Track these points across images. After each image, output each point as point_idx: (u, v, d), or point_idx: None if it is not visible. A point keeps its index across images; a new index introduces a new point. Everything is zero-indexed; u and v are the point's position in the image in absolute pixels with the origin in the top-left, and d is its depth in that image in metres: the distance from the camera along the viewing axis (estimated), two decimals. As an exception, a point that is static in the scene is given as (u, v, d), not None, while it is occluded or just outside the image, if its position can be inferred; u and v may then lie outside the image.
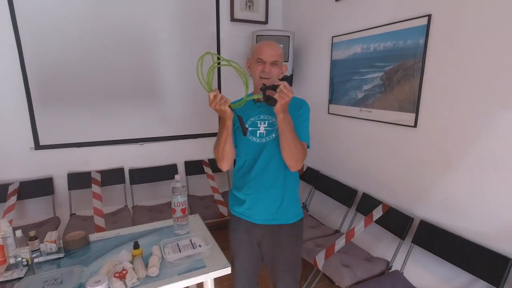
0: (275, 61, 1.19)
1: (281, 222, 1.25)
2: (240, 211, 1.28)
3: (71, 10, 2.16)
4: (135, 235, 1.44)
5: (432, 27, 1.49)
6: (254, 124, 1.23)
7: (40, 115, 2.21)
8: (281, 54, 1.22)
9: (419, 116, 1.61)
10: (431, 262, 1.60)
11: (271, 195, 1.23)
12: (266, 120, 1.22)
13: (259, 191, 1.23)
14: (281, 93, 1.01)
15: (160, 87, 2.53)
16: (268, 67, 1.18)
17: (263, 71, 1.18)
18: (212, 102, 1.04)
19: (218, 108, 1.04)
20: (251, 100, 1.25)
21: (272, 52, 1.18)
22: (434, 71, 1.51)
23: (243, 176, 1.26)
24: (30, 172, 2.27)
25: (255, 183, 1.23)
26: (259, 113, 1.24)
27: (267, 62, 1.18)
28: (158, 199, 2.66)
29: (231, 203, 1.35)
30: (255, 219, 1.25)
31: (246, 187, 1.24)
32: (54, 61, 2.18)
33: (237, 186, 1.30)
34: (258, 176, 1.22)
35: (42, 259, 1.23)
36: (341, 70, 2.15)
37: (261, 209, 1.24)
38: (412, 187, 1.70)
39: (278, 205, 1.23)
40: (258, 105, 1.25)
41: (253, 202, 1.24)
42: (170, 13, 2.44)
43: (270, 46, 1.20)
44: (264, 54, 1.18)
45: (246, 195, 1.25)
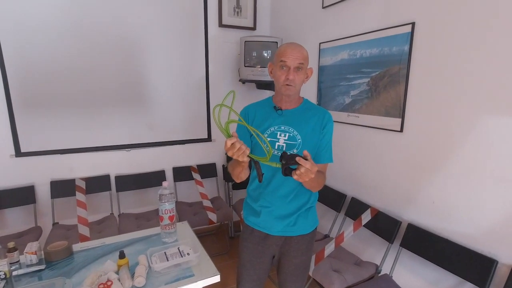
0: (300, 64, 1.10)
1: (296, 233, 1.23)
2: (255, 221, 1.24)
3: (54, 12, 2.11)
4: (121, 244, 1.39)
5: (416, 34, 1.53)
6: (273, 135, 1.16)
7: (21, 121, 2.14)
8: (306, 56, 1.13)
9: (405, 121, 1.64)
10: (419, 265, 1.62)
11: (288, 209, 1.19)
12: (287, 133, 1.15)
13: (275, 204, 1.19)
14: (301, 176, 0.92)
15: (147, 92, 2.49)
16: (292, 73, 1.09)
17: (287, 79, 1.10)
18: (229, 149, 0.93)
19: (235, 158, 0.95)
20: (271, 107, 1.20)
21: (297, 55, 1.09)
22: (419, 77, 1.55)
23: (258, 187, 1.22)
24: (10, 180, 2.18)
25: (272, 197, 1.19)
26: (280, 123, 1.16)
27: (291, 66, 1.09)
28: (145, 206, 2.60)
29: (245, 213, 1.30)
30: (269, 230, 1.22)
31: (262, 199, 1.21)
32: (36, 64, 2.12)
33: (253, 197, 1.26)
34: (275, 190, 1.18)
35: (21, 272, 1.17)
36: (328, 76, 2.18)
37: (277, 222, 1.20)
38: (399, 191, 1.72)
39: (294, 218, 1.20)
40: (279, 114, 1.18)
41: (269, 214, 1.20)
42: (158, 18, 2.42)
43: (294, 48, 1.11)
44: (288, 56, 1.09)
45: (262, 207, 1.21)
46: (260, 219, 1.22)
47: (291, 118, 1.18)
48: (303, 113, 1.19)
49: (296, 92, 1.17)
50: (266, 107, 1.23)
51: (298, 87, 1.14)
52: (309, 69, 1.16)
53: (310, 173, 0.92)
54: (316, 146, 1.17)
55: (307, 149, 1.13)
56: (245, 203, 1.32)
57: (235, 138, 0.92)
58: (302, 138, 1.15)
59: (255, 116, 1.22)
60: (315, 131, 1.16)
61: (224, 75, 2.78)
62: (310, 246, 1.30)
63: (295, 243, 1.24)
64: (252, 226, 1.26)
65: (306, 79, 1.17)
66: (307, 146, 1.15)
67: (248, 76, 2.54)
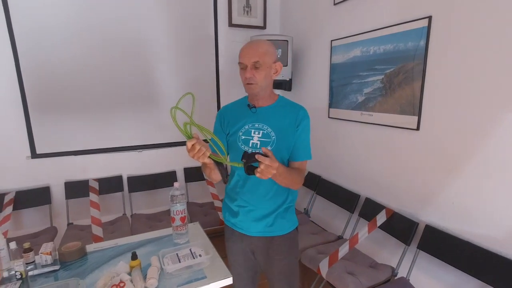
0: (256, 63, 1.06)
1: (275, 234, 1.21)
2: (233, 221, 1.24)
3: (68, 17, 2.14)
4: (133, 245, 1.39)
5: (433, 28, 1.48)
6: (247, 133, 1.15)
7: (36, 123, 2.18)
8: (263, 53, 1.07)
9: (421, 118, 1.58)
10: (438, 268, 1.56)
11: (265, 208, 1.18)
12: (261, 130, 1.14)
13: (252, 204, 1.18)
14: (262, 173, 0.91)
15: (158, 93, 2.51)
16: (248, 72, 1.08)
17: (245, 78, 1.09)
18: (190, 151, 0.94)
19: (196, 160, 0.96)
20: (245, 106, 1.21)
21: (251, 53, 1.07)
22: (436, 73, 1.49)
23: (235, 187, 1.22)
24: (26, 181, 2.23)
25: (249, 196, 1.18)
26: (254, 120, 1.16)
27: (247, 65, 1.08)
28: (157, 207, 2.62)
29: (224, 213, 1.31)
30: (248, 231, 1.21)
31: (239, 199, 1.20)
32: (49, 68, 2.16)
33: (230, 196, 1.25)
34: (251, 189, 1.17)
35: (37, 272, 1.18)
36: (340, 74, 2.13)
37: (254, 222, 1.19)
38: (416, 191, 1.67)
39: (272, 218, 1.19)
40: (253, 111, 1.18)
41: (246, 215, 1.20)
42: (168, 19, 2.43)
43: (249, 46, 1.09)
44: (243, 57, 1.08)
45: (239, 207, 1.21)
46: (238, 220, 1.22)
47: (265, 115, 1.17)
48: (278, 110, 1.17)
49: (263, 90, 1.13)
50: (241, 106, 1.23)
51: (261, 84, 1.10)
52: (277, 64, 1.13)
53: (271, 169, 0.90)
54: (292, 143, 1.15)
55: (282, 146, 1.14)
56: (224, 204, 1.32)
57: (196, 139, 0.93)
58: (276, 135, 1.13)
59: (231, 116, 1.22)
60: (290, 128, 1.14)
61: (234, 75, 2.76)
62: (293, 248, 1.26)
63: (276, 245, 1.21)
64: (231, 226, 1.26)
65: (274, 74, 1.13)
66: (282, 143, 1.13)
67: (258, 76, 2.51)
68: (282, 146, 1.13)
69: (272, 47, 1.13)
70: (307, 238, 2.05)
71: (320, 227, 2.28)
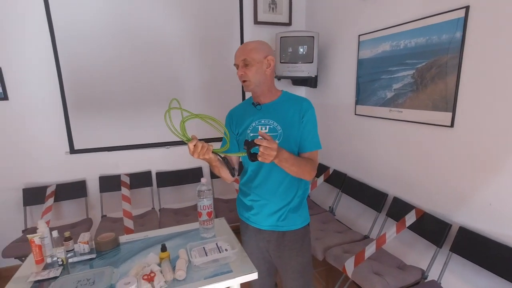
0: (244, 60, 1.14)
1: (286, 228, 1.23)
2: (247, 216, 1.29)
3: (102, 23, 2.26)
4: (162, 238, 1.45)
5: (470, 19, 1.39)
6: (255, 129, 1.19)
7: (74, 121, 2.33)
8: (250, 49, 1.14)
9: (456, 115, 1.50)
10: (472, 272, 1.48)
11: (277, 202, 1.21)
12: (267, 125, 1.18)
13: (264, 198, 1.22)
14: (263, 156, 0.94)
15: (185, 90, 2.58)
16: (240, 70, 1.16)
17: (239, 77, 1.17)
18: (193, 152, 0.99)
19: (201, 158, 1.01)
20: (250, 104, 1.25)
21: (240, 53, 1.16)
22: (473, 66, 1.41)
23: (248, 182, 1.26)
24: (65, 175, 2.39)
25: (260, 190, 1.22)
26: (260, 117, 1.20)
27: (239, 65, 1.16)
28: (183, 202, 2.70)
29: (239, 208, 1.36)
30: (260, 225, 1.25)
31: (252, 193, 1.24)
32: (86, 70, 2.29)
33: (243, 191, 1.30)
34: (262, 184, 1.21)
35: (75, 259, 1.27)
36: (368, 70, 2.07)
37: (267, 216, 1.23)
38: (449, 191, 1.59)
39: (283, 212, 1.21)
40: (258, 108, 1.21)
41: (259, 208, 1.24)
42: (194, 18, 2.49)
43: (239, 48, 1.18)
44: (235, 59, 1.18)
45: (252, 202, 1.25)
46: (251, 214, 1.26)
47: (270, 111, 1.20)
48: (282, 104, 1.20)
49: (258, 85, 1.17)
50: (247, 106, 1.28)
51: (254, 79, 1.15)
52: (268, 58, 1.16)
53: (271, 150, 0.93)
54: (299, 134, 1.17)
55: (290, 138, 1.16)
56: (238, 199, 1.36)
57: (195, 140, 0.98)
58: (282, 129, 1.16)
59: (238, 116, 1.28)
60: (295, 120, 1.16)
61: (259, 73, 2.77)
62: (305, 244, 1.27)
63: (287, 240, 1.23)
64: (245, 221, 1.30)
65: (268, 69, 1.16)
66: (289, 136, 1.15)
67: (283, 73, 2.51)
68: (290, 139, 1.16)
69: (262, 44, 1.17)
70: (332, 236, 2.02)
71: (345, 226, 2.24)
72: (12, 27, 2.08)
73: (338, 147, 2.46)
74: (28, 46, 2.14)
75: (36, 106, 2.23)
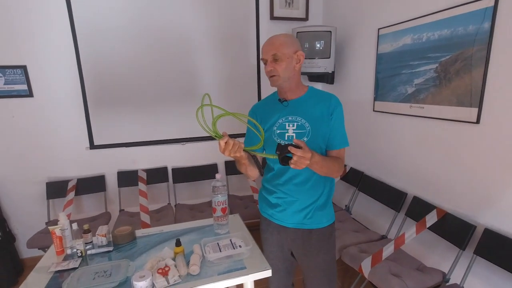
0: (274, 55, 1.09)
1: (312, 226, 1.20)
2: (271, 213, 1.26)
3: (122, 18, 2.30)
4: (177, 233, 1.47)
5: (500, 8, 1.31)
6: (282, 126, 1.16)
7: (94, 118, 2.39)
8: (279, 44, 1.09)
9: (482, 110, 1.42)
10: (497, 276, 1.41)
11: (304, 200, 1.18)
12: (295, 122, 1.15)
13: (291, 195, 1.19)
14: (296, 164, 0.92)
15: (201, 87, 2.59)
16: (268, 65, 1.11)
17: (267, 72, 1.13)
18: (224, 149, 0.97)
19: (232, 156, 0.98)
20: (275, 100, 1.22)
21: (268, 47, 1.11)
22: (503, 59, 1.32)
23: (273, 179, 1.23)
24: (85, 170, 2.47)
25: (287, 188, 1.19)
26: (287, 113, 1.17)
27: (267, 60, 1.12)
28: (199, 198, 2.73)
29: (261, 205, 1.33)
30: (286, 223, 1.22)
31: (278, 191, 1.21)
32: (105, 68, 2.35)
33: (268, 189, 1.27)
34: (289, 181, 1.18)
35: (94, 252, 1.30)
36: (388, 64, 2.00)
37: (293, 213, 1.20)
38: (473, 191, 1.51)
39: (310, 210, 1.18)
40: (285, 105, 1.18)
41: (284, 206, 1.21)
42: (211, 14, 2.49)
43: (267, 42, 1.13)
44: (263, 53, 1.13)
45: (278, 199, 1.22)
46: (277, 211, 1.22)
47: (297, 107, 1.16)
48: (309, 101, 1.17)
49: (286, 81, 1.14)
50: (272, 102, 1.24)
51: (283, 75, 1.11)
52: (298, 53, 1.12)
53: (304, 159, 0.92)
54: (327, 132, 1.13)
55: (318, 136, 1.13)
56: (260, 195, 1.33)
57: (227, 137, 0.95)
58: (311, 126, 1.13)
59: (263, 113, 1.23)
60: (324, 117, 1.13)
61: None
62: (330, 243, 1.25)
63: (313, 239, 1.20)
64: (269, 218, 1.27)
65: (297, 64, 1.13)
66: (318, 133, 1.12)
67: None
68: (318, 136, 1.13)
69: (291, 38, 1.13)
70: (348, 235, 1.98)
71: (362, 225, 2.18)
72: (35, 26, 2.16)
73: (355, 145, 2.40)
74: (51, 44, 2.21)
75: (59, 103, 2.31)
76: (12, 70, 2.16)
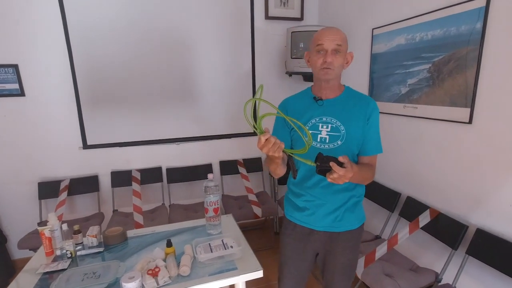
0: (338, 46, 1.01)
1: (342, 229, 1.15)
2: (299, 217, 1.19)
3: (116, 18, 2.28)
4: (169, 233, 1.46)
5: (492, 8, 1.31)
6: (314, 127, 1.09)
7: (87, 117, 2.37)
8: (344, 38, 1.04)
9: (474, 111, 1.43)
10: (489, 276, 1.41)
11: (334, 202, 1.13)
12: (330, 124, 1.08)
13: (320, 198, 1.13)
14: (334, 180, 0.89)
15: (195, 87, 2.57)
16: (329, 56, 1.01)
17: (324, 62, 1.02)
18: (263, 146, 0.88)
19: (271, 155, 0.91)
20: (309, 98, 1.14)
21: (334, 36, 1.01)
22: (494, 59, 1.33)
23: (301, 182, 1.16)
24: (78, 170, 2.44)
25: (316, 191, 1.13)
26: (321, 113, 1.10)
27: (328, 49, 1.02)
28: (193, 198, 2.71)
29: (287, 208, 1.25)
30: (314, 226, 1.16)
31: (306, 194, 1.15)
32: (100, 66, 2.32)
33: (295, 192, 1.20)
34: (318, 183, 1.12)
35: (84, 252, 1.29)
36: (382, 64, 2.00)
37: (322, 216, 1.14)
38: (466, 191, 1.52)
39: (339, 213, 1.13)
40: (320, 104, 1.11)
41: (314, 209, 1.15)
42: (205, 14, 2.47)
43: (331, 30, 1.03)
44: (324, 39, 1.02)
45: (307, 202, 1.16)
46: (305, 214, 1.17)
47: (332, 108, 1.10)
48: (346, 102, 1.11)
49: (336, 77, 1.09)
50: (305, 99, 1.16)
51: (337, 71, 1.06)
52: (349, 54, 1.08)
53: (345, 178, 0.88)
54: (362, 136, 1.09)
55: (353, 140, 1.07)
56: (286, 199, 1.27)
57: (268, 133, 0.88)
58: (346, 129, 1.07)
59: (294, 109, 1.15)
60: (360, 121, 1.08)
61: (271, 68, 2.74)
62: (358, 244, 1.22)
63: (342, 240, 1.16)
64: (295, 221, 1.21)
65: (346, 65, 1.09)
66: (352, 138, 1.07)
67: (295, 68, 2.47)
68: (352, 141, 1.08)
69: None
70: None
71: (356, 226, 2.18)
72: (27, 25, 2.13)
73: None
74: (43, 43, 2.18)
75: (51, 102, 2.28)
76: (3, 69, 2.13)
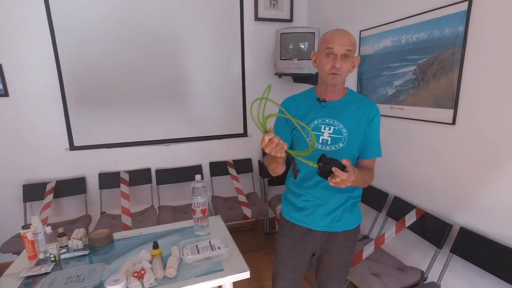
0: (348, 52, 1.01)
1: (340, 229, 1.17)
2: (297, 217, 1.19)
3: (103, 16, 2.25)
4: (156, 235, 1.44)
5: (473, 12, 1.35)
6: (317, 128, 1.09)
7: (74, 118, 2.33)
8: (354, 43, 1.03)
9: (458, 112, 1.46)
10: (472, 274, 1.44)
11: (333, 203, 1.14)
12: (332, 126, 1.09)
13: (319, 198, 1.14)
14: (336, 184, 0.90)
15: (185, 88, 2.56)
16: (339, 61, 1.01)
17: (333, 67, 1.02)
18: (266, 145, 0.88)
19: (273, 155, 0.90)
20: (314, 99, 1.14)
21: (345, 41, 1.01)
22: (476, 62, 1.36)
23: (302, 182, 1.16)
24: (65, 172, 2.40)
25: (315, 191, 1.14)
26: (324, 115, 1.10)
27: (338, 54, 1.01)
28: (183, 199, 2.69)
29: (285, 208, 1.25)
30: (313, 226, 1.17)
31: (306, 194, 1.16)
32: (86, 66, 2.29)
33: (294, 192, 1.20)
34: (317, 184, 1.12)
35: (68, 255, 1.27)
36: (369, 66, 2.03)
37: (321, 216, 1.15)
38: (450, 191, 1.55)
39: (338, 213, 1.14)
40: (323, 105, 1.11)
41: (312, 209, 1.15)
42: (195, 15, 2.46)
43: (342, 34, 1.02)
44: (335, 43, 1.01)
45: (306, 202, 1.16)
46: (304, 214, 1.17)
47: (335, 110, 1.11)
48: (349, 105, 1.12)
49: (342, 82, 1.10)
50: (308, 99, 1.16)
51: (344, 76, 1.06)
52: (355, 58, 1.08)
53: (347, 182, 0.89)
54: (363, 139, 1.11)
55: (354, 143, 1.08)
56: (285, 198, 1.27)
57: (272, 133, 0.88)
58: (348, 132, 1.08)
59: (297, 109, 1.15)
60: (362, 124, 1.09)
61: (260, 69, 2.75)
62: (354, 244, 1.24)
63: (339, 240, 1.18)
64: (293, 221, 1.21)
65: (352, 68, 1.08)
66: (354, 141, 1.09)
67: (284, 70, 2.48)
68: (353, 143, 1.09)
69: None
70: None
71: (345, 225, 2.20)
72: (12, 24, 2.08)
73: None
74: (28, 42, 2.14)
75: (36, 103, 2.23)
76: (-14, 68, 2.08)
